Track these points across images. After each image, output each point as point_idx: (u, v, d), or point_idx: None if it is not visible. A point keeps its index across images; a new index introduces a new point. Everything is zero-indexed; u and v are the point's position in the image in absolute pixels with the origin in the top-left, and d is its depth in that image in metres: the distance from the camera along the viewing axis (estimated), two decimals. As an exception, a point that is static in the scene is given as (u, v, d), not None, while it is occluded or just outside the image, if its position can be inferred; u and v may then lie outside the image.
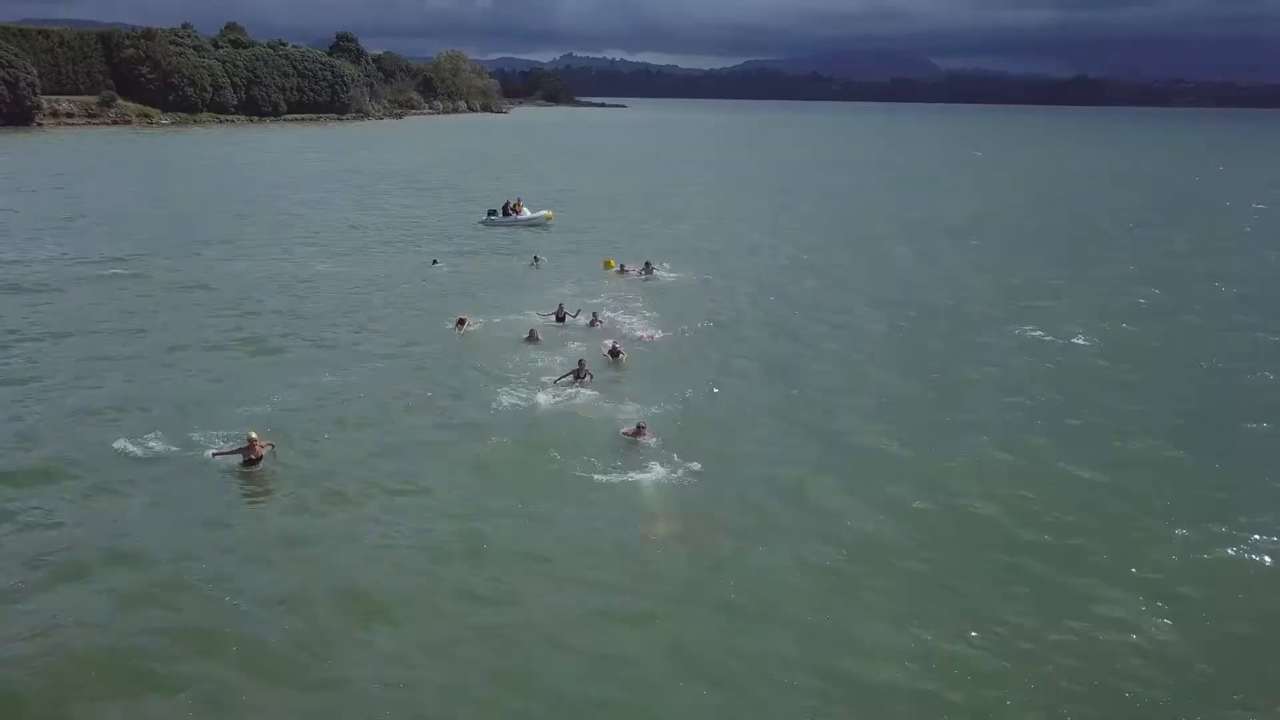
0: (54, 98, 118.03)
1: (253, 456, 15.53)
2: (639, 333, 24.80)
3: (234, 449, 15.77)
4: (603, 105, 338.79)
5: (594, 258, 36.01)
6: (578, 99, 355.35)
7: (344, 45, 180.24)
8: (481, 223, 46.38)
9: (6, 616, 11.47)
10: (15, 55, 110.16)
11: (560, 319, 25.50)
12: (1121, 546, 13.72)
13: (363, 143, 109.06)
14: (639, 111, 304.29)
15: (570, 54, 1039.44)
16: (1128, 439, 18.03)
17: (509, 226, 45.17)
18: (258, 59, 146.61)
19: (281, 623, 11.56)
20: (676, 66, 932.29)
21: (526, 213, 46.22)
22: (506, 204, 46.85)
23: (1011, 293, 31.81)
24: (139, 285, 30.83)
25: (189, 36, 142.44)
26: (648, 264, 32.54)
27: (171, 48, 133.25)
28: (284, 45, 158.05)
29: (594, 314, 25.93)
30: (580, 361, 20.02)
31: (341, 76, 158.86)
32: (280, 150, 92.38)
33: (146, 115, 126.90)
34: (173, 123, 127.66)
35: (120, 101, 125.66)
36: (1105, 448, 17.52)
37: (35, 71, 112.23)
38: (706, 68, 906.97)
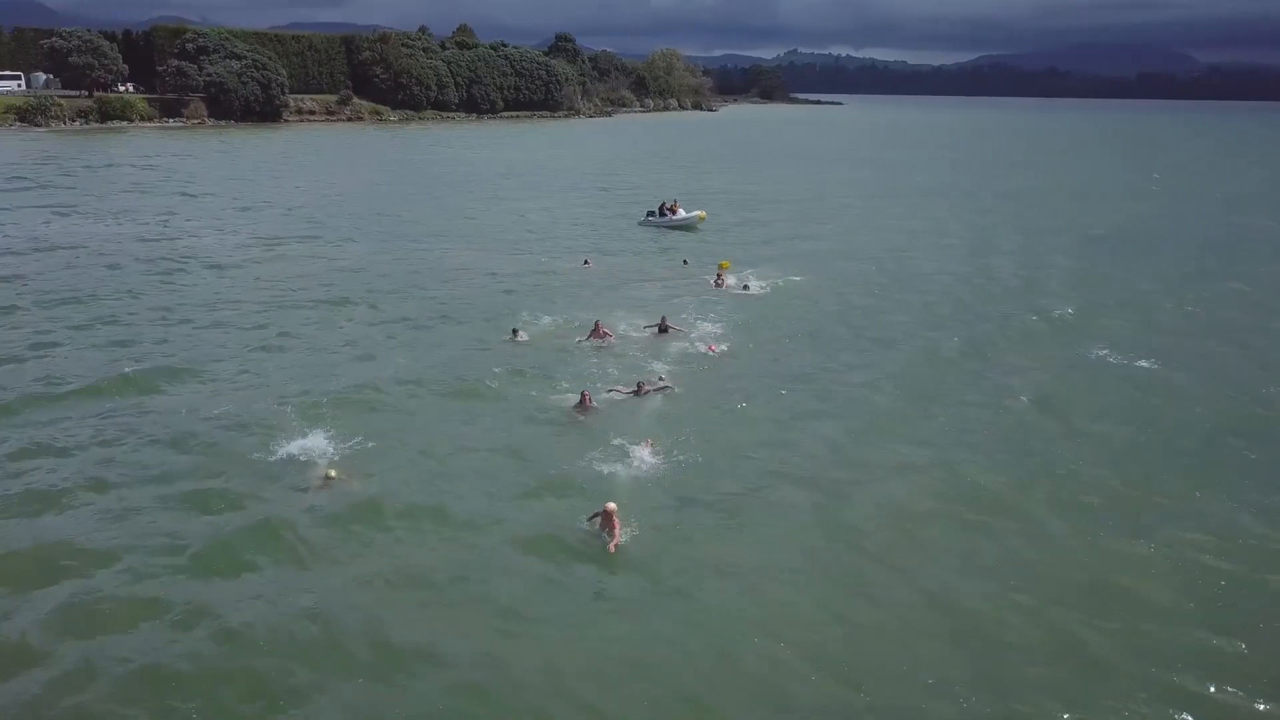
0: (299, 96, 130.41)
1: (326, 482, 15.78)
2: (705, 345, 24.48)
3: (313, 483, 15.93)
4: (818, 103, 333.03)
5: (723, 262, 36.04)
6: (794, 96, 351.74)
7: (562, 45, 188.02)
8: (640, 223, 47.47)
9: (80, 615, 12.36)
10: (269, 59, 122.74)
11: (663, 330, 25.50)
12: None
13: (563, 140, 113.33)
14: (854, 109, 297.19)
15: (795, 50, 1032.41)
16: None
17: (663, 227, 45.98)
18: (479, 59, 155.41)
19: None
20: (904, 62, 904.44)
21: (681, 213, 46.74)
22: (662, 205, 47.61)
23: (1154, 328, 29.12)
24: (287, 265, 34.26)
25: (420, 39, 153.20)
26: (746, 286, 32.17)
27: (403, 50, 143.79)
28: (504, 46, 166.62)
29: (663, 318, 25.87)
30: (639, 383, 20.06)
31: (556, 75, 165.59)
32: (483, 145, 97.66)
33: (377, 112, 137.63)
34: (399, 119, 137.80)
35: (355, 100, 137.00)
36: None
37: (285, 73, 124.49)
38: (936, 63, 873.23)
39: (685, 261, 36.50)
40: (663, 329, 25.37)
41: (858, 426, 19.24)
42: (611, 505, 13.83)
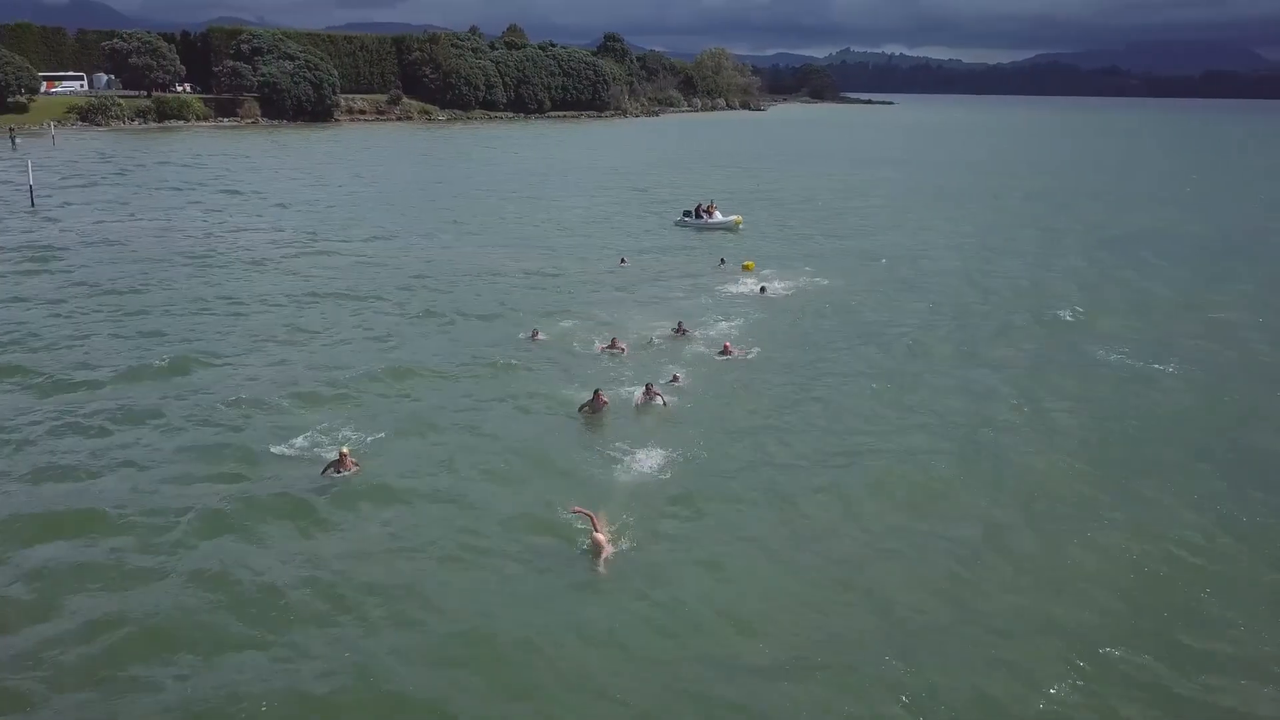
0: (350, 96, 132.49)
1: (343, 469, 16.13)
2: (720, 346, 24.25)
3: (327, 464, 16.34)
4: (868, 102, 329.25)
5: (748, 263, 35.99)
6: (845, 95, 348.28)
7: (610, 45, 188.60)
8: (676, 223, 47.50)
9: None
10: (321, 60, 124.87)
11: (680, 332, 25.49)
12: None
13: (607, 140, 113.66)
14: (906, 109, 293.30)
15: (848, 49, 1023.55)
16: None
17: (699, 229, 45.95)
18: (527, 60, 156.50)
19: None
20: (959, 61, 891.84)
21: (718, 216, 46.69)
22: (699, 206, 47.58)
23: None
24: (321, 260, 35.29)
25: (469, 39, 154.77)
26: (763, 288, 32.00)
27: (452, 50, 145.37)
28: (553, 46, 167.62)
29: (679, 323, 25.81)
30: (648, 386, 20.00)
31: (603, 75, 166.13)
32: (527, 145, 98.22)
33: (426, 112, 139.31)
34: (448, 119, 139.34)
35: (405, 100, 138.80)
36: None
37: (336, 74, 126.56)
38: (992, 62, 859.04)
39: (722, 261, 36.48)
40: (680, 331, 25.45)
41: (862, 432, 19.10)
42: (600, 536, 13.68)
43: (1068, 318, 28.70)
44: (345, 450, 16.37)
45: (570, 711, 10.79)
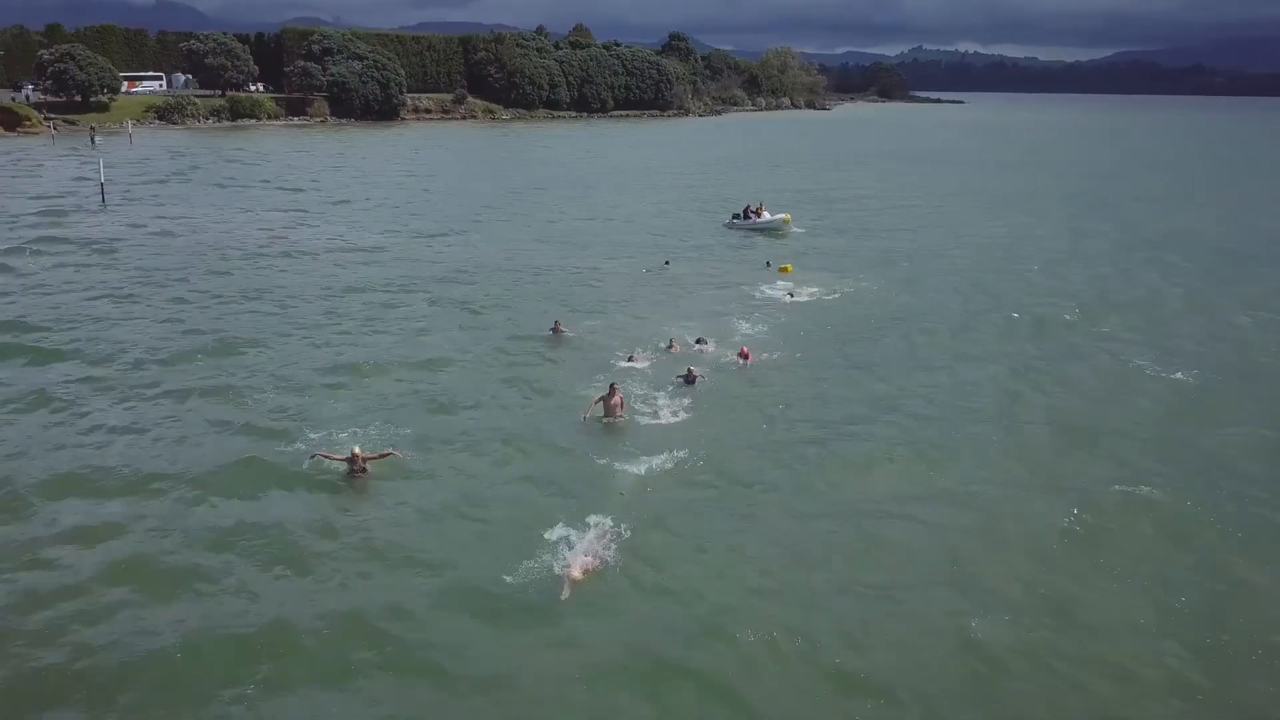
0: (417, 95, 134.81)
1: (356, 468, 16.35)
2: (738, 351, 24.05)
3: (339, 457, 16.65)
4: (938, 101, 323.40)
5: (786, 266, 35.78)
6: (914, 94, 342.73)
7: (675, 44, 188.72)
8: (726, 225, 47.43)
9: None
10: (389, 60, 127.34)
11: (699, 342, 24.96)
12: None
13: (666, 139, 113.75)
14: (976, 108, 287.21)
15: (919, 47, 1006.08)
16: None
17: (748, 230, 45.81)
18: (591, 59, 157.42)
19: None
20: (1035, 59, 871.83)
21: (766, 216, 46.48)
22: (747, 207, 47.40)
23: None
24: (365, 255, 36.34)
25: (534, 39, 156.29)
26: (791, 294, 31.52)
27: (516, 50, 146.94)
28: (617, 45, 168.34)
29: (699, 337, 25.30)
30: (612, 386, 19.67)
31: (666, 75, 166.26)
32: (586, 144, 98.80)
33: (490, 111, 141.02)
34: (511, 118, 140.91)
35: (470, 99, 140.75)
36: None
37: (403, 73, 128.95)
38: (1070, 60, 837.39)
39: (768, 264, 36.30)
40: (700, 344, 24.85)
41: (872, 442, 18.62)
42: (575, 574, 13.22)
43: (1129, 338, 27.31)
44: (357, 450, 16.63)
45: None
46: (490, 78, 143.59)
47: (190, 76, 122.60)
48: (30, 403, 19.95)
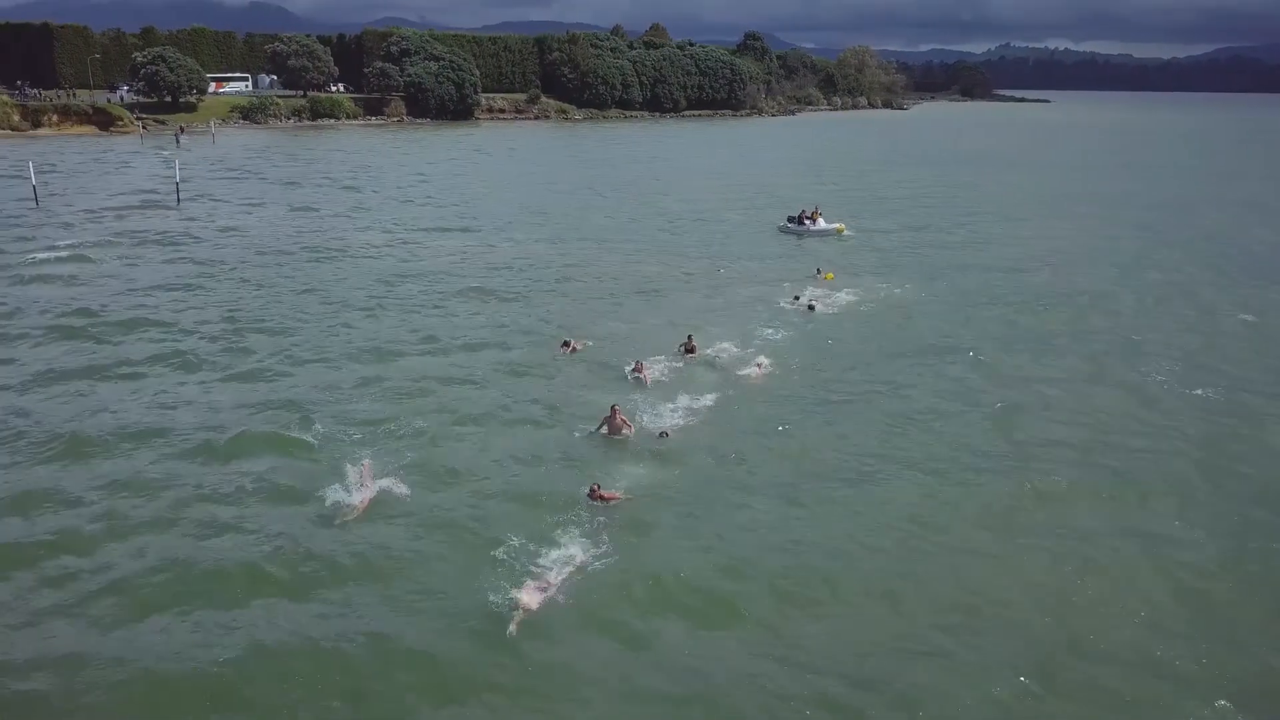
0: (491, 95, 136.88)
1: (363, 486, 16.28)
2: (754, 364, 23.68)
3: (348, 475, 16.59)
4: (1021, 100, 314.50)
5: (828, 273, 35.51)
6: (997, 93, 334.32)
7: (750, 44, 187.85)
8: (780, 229, 47.22)
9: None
10: (464, 60, 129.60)
11: (690, 350, 24.76)
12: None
13: (736, 139, 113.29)
14: (1061, 107, 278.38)
15: (1007, 44, 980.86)
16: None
17: (801, 236, 45.55)
18: (664, 59, 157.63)
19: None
20: (1130, 56, 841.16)
21: (821, 223, 46.11)
22: (802, 212, 47.13)
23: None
24: (414, 254, 37.62)
25: (609, 40, 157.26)
26: (810, 305, 31.00)
27: (590, 50, 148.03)
28: (691, 45, 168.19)
29: (689, 336, 25.16)
30: (613, 408, 19.43)
31: (739, 74, 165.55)
32: (654, 144, 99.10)
33: (563, 111, 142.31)
34: (583, 118, 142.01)
35: (543, 99, 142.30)
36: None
37: (478, 73, 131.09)
38: (1166, 56, 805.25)
39: (818, 271, 35.98)
40: (699, 350, 24.74)
41: (866, 486, 17.55)
42: (529, 602, 13.09)
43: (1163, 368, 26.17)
44: (368, 463, 16.88)
45: None
46: (564, 78, 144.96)
47: (275, 77, 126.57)
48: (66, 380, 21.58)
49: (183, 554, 14.62)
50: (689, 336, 25.26)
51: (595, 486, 16.12)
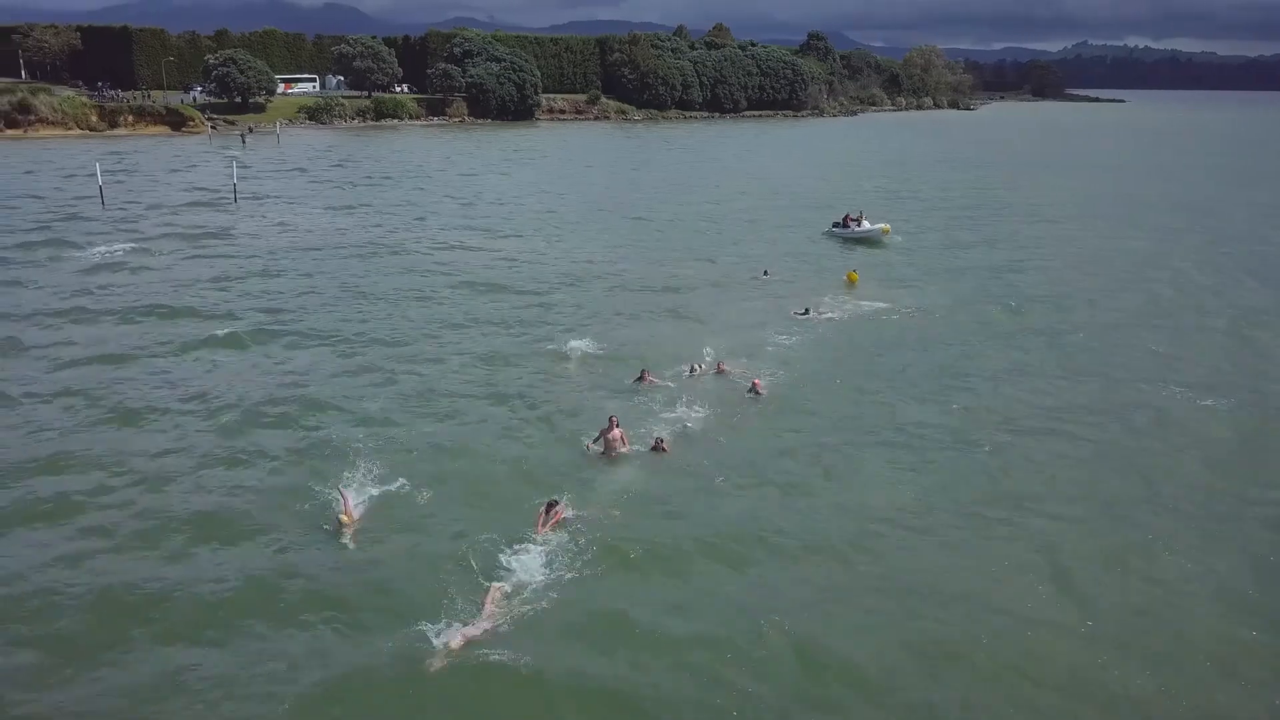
0: (551, 96, 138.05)
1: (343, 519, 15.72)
2: (754, 378, 23.04)
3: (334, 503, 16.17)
4: (1095, 100, 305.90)
5: (852, 275, 35.22)
6: (1071, 93, 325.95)
7: (813, 44, 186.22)
8: (825, 233, 46.94)
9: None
10: (525, 61, 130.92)
11: (720, 370, 24.05)
12: None
13: (795, 141, 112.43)
14: (1137, 107, 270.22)
15: (1084, 42, 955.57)
16: None
17: (845, 239, 45.24)
18: (725, 59, 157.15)
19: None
20: (1213, 54, 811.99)
21: (866, 225, 45.70)
22: (846, 216, 46.75)
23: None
24: (455, 254, 38.35)
25: (669, 40, 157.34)
26: (806, 309, 30.28)
27: (651, 51, 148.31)
28: (752, 45, 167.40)
29: (692, 366, 24.08)
30: (611, 419, 19.06)
31: (801, 75, 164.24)
32: (711, 146, 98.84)
33: (623, 111, 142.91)
34: (643, 118, 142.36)
35: (603, 100, 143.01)
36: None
37: (539, 74, 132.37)
38: (1252, 55, 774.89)
39: (856, 275, 35.80)
40: (719, 369, 24.08)
41: (855, 519, 16.70)
42: (455, 644, 12.59)
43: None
44: (346, 494, 16.19)
45: None
46: (624, 78, 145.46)
47: (341, 78, 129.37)
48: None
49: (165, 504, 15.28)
50: (643, 371, 23.48)
51: (553, 502, 15.87)
